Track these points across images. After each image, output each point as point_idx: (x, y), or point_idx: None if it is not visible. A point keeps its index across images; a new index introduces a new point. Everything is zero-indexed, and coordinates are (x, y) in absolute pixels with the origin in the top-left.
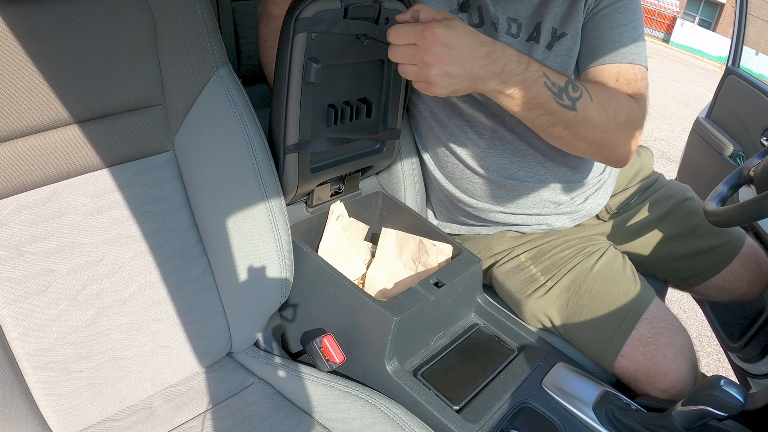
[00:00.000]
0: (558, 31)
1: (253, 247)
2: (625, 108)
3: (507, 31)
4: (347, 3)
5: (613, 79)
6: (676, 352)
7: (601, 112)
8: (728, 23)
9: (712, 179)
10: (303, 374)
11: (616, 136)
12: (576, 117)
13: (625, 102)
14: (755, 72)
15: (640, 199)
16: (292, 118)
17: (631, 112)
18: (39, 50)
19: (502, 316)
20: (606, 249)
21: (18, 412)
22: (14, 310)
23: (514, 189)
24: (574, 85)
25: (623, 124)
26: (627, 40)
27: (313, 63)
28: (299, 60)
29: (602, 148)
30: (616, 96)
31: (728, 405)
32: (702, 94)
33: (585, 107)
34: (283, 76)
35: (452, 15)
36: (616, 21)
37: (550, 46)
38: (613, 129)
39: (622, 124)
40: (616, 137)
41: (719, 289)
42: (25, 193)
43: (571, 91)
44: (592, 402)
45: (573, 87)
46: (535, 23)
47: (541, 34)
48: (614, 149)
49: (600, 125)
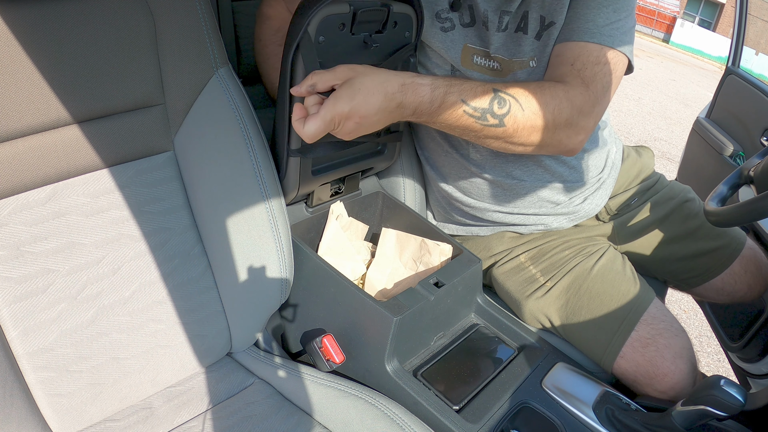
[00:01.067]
0: (546, 19)
1: (253, 247)
2: (566, 106)
3: (498, 28)
4: (356, 7)
5: (569, 63)
6: (676, 354)
7: (535, 119)
8: (728, 23)
9: (712, 179)
10: (303, 374)
11: (557, 134)
12: (506, 131)
13: (565, 100)
14: (755, 72)
15: (640, 200)
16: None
17: (573, 109)
18: (39, 50)
19: (502, 316)
20: (606, 249)
21: (18, 412)
22: (14, 310)
23: (512, 188)
24: (500, 100)
25: (563, 123)
26: (602, 21)
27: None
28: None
29: (542, 147)
30: (555, 96)
31: (728, 405)
32: (702, 94)
33: (515, 120)
34: (287, 80)
35: (350, 69)
36: (595, 2)
37: (538, 36)
38: (552, 130)
39: (562, 124)
40: (558, 136)
41: (719, 291)
42: (25, 193)
43: (496, 108)
44: (592, 402)
45: (499, 103)
46: (522, 12)
47: (529, 23)
48: (557, 146)
49: (535, 131)
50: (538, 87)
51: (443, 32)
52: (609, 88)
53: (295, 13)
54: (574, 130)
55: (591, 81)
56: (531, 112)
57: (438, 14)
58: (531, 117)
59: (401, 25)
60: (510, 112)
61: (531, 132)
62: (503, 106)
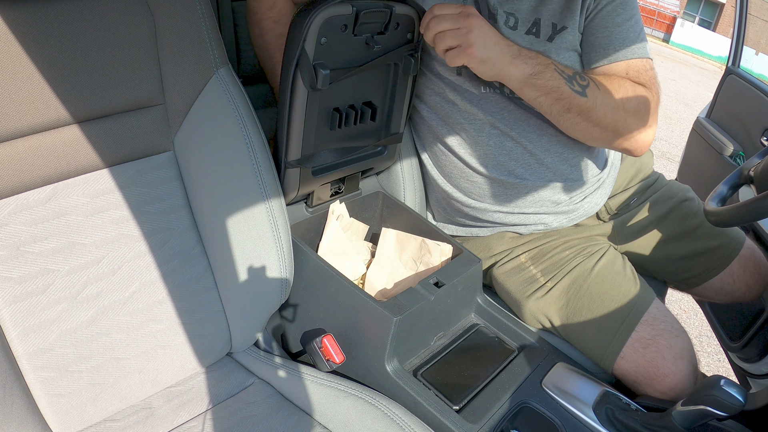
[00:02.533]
0: (558, 25)
1: (253, 247)
2: (633, 96)
3: (505, 22)
4: (358, 8)
5: (623, 73)
6: (676, 354)
7: (609, 99)
8: (728, 23)
9: (712, 179)
10: (303, 374)
11: (628, 122)
12: (587, 103)
13: (632, 90)
14: (755, 72)
15: (640, 200)
16: (295, 134)
17: (640, 99)
18: (39, 50)
19: (502, 316)
20: (606, 250)
21: (18, 412)
22: (14, 310)
23: (513, 187)
24: (580, 75)
25: (633, 111)
26: (632, 36)
27: (321, 69)
28: (307, 65)
29: (617, 134)
30: (623, 85)
31: (728, 405)
32: (702, 94)
33: (594, 95)
34: (288, 84)
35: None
36: (620, 17)
37: (551, 38)
38: (624, 116)
39: (632, 111)
40: (629, 123)
41: (718, 291)
42: (25, 193)
43: (579, 79)
44: (592, 402)
45: (580, 77)
46: (533, 19)
47: (541, 29)
48: (629, 136)
49: (610, 111)
50: (607, 76)
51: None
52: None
53: (297, 15)
54: (642, 121)
55: (650, 84)
56: (605, 92)
57: None
58: (606, 97)
59: (403, 27)
60: (590, 86)
61: (607, 110)
62: (584, 80)
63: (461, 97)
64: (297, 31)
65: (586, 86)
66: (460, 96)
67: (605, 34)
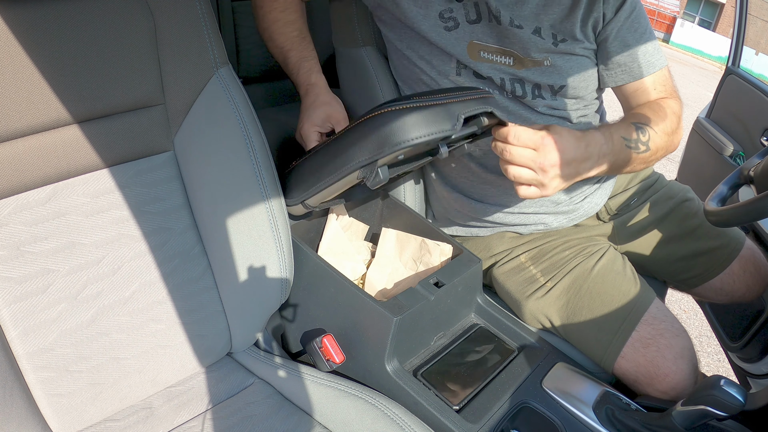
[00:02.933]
0: (558, 36)
1: (253, 247)
2: (674, 118)
3: (510, 23)
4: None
5: (651, 89)
6: (677, 354)
7: (663, 136)
8: (728, 23)
9: (712, 179)
10: (303, 374)
11: (673, 142)
12: (651, 154)
13: (672, 113)
14: (755, 72)
15: (640, 200)
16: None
17: (677, 117)
18: (39, 50)
19: (502, 316)
20: (606, 250)
21: (18, 412)
22: (14, 310)
23: (512, 187)
24: (641, 129)
25: (675, 130)
26: (651, 48)
27: (380, 171)
28: (371, 167)
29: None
30: (666, 112)
31: (728, 405)
32: (702, 94)
33: (654, 143)
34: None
35: (544, 125)
36: (638, 32)
37: (555, 43)
38: (671, 141)
39: (674, 131)
40: (673, 143)
41: (718, 291)
42: (25, 193)
43: (641, 137)
44: (592, 402)
45: (641, 132)
46: (534, 26)
47: (543, 36)
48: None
49: (663, 146)
50: (652, 110)
51: (447, 31)
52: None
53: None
54: (679, 133)
55: (673, 93)
56: (661, 131)
57: (441, 14)
58: (662, 136)
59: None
60: (650, 137)
61: (662, 148)
62: (645, 134)
63: None
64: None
65: (648, 141)
66: None
67: (628, 52)
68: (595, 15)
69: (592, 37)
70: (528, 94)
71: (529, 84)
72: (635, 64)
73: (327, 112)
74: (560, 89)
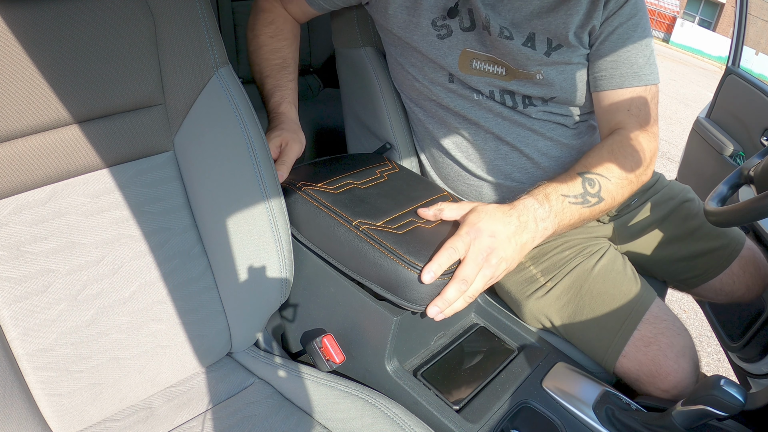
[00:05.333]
0: (553, 42)
1: (253, 247)
2: (638, 156)
3: (500, 33)
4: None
5: (625, 110)
6: (678, 352)
7: (622, 181)
8: (728, 23)
9: (712, 179)
10: (303, 374)
11: (640, 181)
12: (606, 203)
13: (636, 152)
14: (755, 72)
15: (640, 201)
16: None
17: (643, 156)
18: (39, 50)
19: (502, 316)
20: (606, 249)
21: (18, 412)
22: (14, 310)
23: (510, 191)
24: (589, 181)
25: (641, 171)
26: (641, 60)
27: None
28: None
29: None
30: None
31: (728, 405)
32: (702, 94)
33: (608, 191)
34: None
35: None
36: (631, 40)
37: (548, 53)
38: (636, 181)
39: (640, 172)
40: (640, 181)
41: (718, 292)
42: (25, 193)
43: (589, 189)
44: (592, 402)
45: (589, 184)
46: (528, 33)
47: (536, 44)
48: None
49: (624, 189)
50: (610, 152)
51: (439, 39)
52: (656, 117)
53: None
54: (649, 168)
55: (646, 121)
56: (617, 177)
57: (434, 22)
58: (618, 182)
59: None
60: (602, 187)
61: (623, 192)
62: (593, 185)
63: (455, 104)
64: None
65: (598, 192)
66: (453, 102)
67: (613, 58)
68: (593, 22)
69: (587, 41)
70: (519, 104)
71: (519, 95)
72: (617, 72)
73: (282, 137)
74: (551, 99)
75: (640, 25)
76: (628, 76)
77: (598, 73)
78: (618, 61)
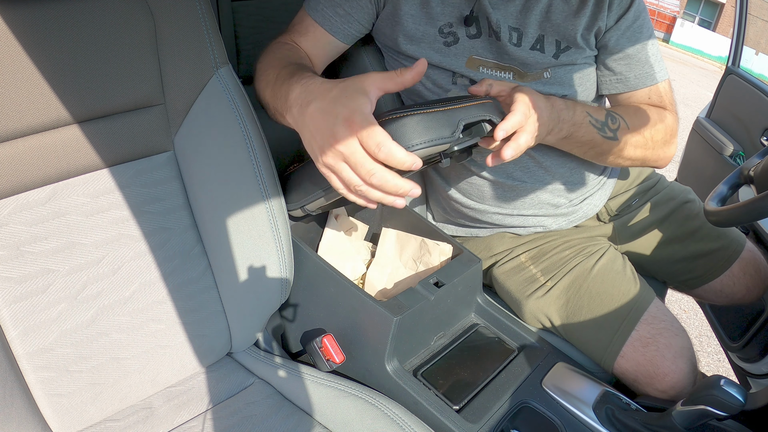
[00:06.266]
0: (562, 44)
1: (253, 247)
2: (661, 127)
3: (509, 39)
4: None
5: (645, 100)
6: (676, 353)
7: (638, 137)
8: (728, 23)
9: (712, 179)
10: (303, 374)
11: (656, 151)
12: (618, 145)
13: (659, 121)
14: (755, 72)
15: (641, 201)
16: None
17: (666, 128)
18: (39, 50)
19: (502, 316)
20: (606, 249)
21: (18, 412)
22: (14, 310)
23: (512, 189)
24: (612, 117)
25: (660, 141)
26: (652, 59)
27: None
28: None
29: (644, 162)
30: (650, 118)
31: (728, 405)
32: (702, 94)
33: (624, 135)
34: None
35: (513, 83)
36: (639, 41)
37: (556, 56)
38: (652, 147)
39: (659, 142)
40: (656, 152)
41: (718, 293)
42: (25, 193)
43: (610, 123)
44: (592, 402)
45: (611, 119)
46: (537, 35)
47: (545, 46)
48: (656, 161)
49: (639, 147)
50: (637, 109)
51: (446, 47)
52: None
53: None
54: (667, 144)
55: (669, 105)
56: (635, 130)
57: (441, 29)
58: (635, 135)
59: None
60: (620, 127)
61: (636, 147)
62: (615, 122)
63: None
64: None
65: (617, 129)
66: None
67: (626, 61)
68: (599, 23)
69: (593, 43)
70: None
71: None
72: (631, 75)
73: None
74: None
75: (645, 26)
76: (642, 76)
77: (611, 77)
78: (631, 64)
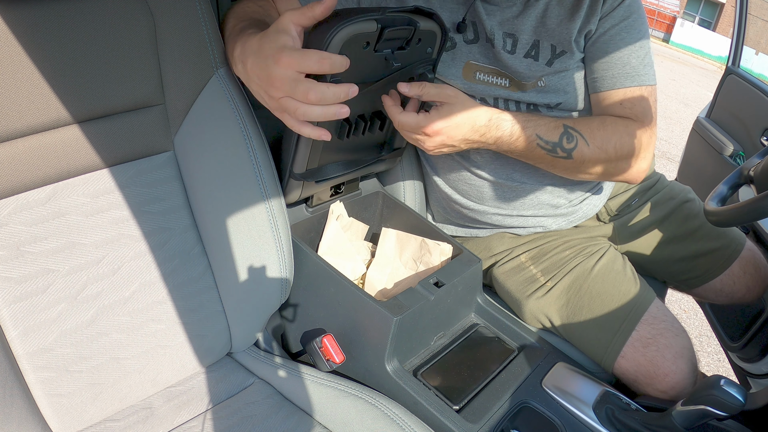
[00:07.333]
0: (557, 48)
1: (253, 247)
2: (627, 140)
3: (503, 47)
4: (383, 24)
5: (618, 104)
6: (676, 354)
7: (599, 153)
8: (728, 23)
9: (712, 179)
10: (303, 374)
11: (619, 166)
12: (573, 163)
13: (626, 135)
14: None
15: (641, 201)
16: (302, 148)
17: (633, 142)
18: (39, 50)
19: (502, 316)
20: (606, 249)
21: (18, 412)
22: (14, 310)
23: (511, 190)
24: (568, 135)
25: (626, 156)
26: (634, 61)
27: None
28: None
29: (606, 176)
30: (616, 131)
31: (728, 405)
32: (702, 94)
33: (581, 154)
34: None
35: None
36: (624, 41)
37: (550, 63)
38: (615, 162)
39: (624, 156)
40: (620, 167)
41: (718, 292)
42: (25, 193)
43: (565, 143)
44: (592, 402)
45: (567, 138)
46: (533, 41)
47: (540, 52)
48: (620, 175)
49: (599, 163)
50: (601, 123)
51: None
52: (655, 117)
53: (317, 28)
54: (635, 160)
55: (642, 116)
56: (596, 146)
57: None
58: (596, 151)
59: (425, 42)
60: (577, 146)
61: (595, 164)
62: (571, 141)
63: None
64: (315, 46)
65: (572, 149)
66: None
67: (606, 60)
68: (590, 26)
69: (582, 45)
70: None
71: (523, 104)
72: (608, 73)
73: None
74: (556, 105)
75: (634, 27)
76: (620, 76)
77: (591, 75)
78: (610, 62)
